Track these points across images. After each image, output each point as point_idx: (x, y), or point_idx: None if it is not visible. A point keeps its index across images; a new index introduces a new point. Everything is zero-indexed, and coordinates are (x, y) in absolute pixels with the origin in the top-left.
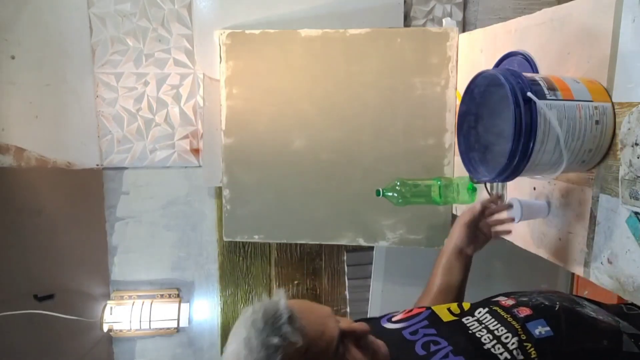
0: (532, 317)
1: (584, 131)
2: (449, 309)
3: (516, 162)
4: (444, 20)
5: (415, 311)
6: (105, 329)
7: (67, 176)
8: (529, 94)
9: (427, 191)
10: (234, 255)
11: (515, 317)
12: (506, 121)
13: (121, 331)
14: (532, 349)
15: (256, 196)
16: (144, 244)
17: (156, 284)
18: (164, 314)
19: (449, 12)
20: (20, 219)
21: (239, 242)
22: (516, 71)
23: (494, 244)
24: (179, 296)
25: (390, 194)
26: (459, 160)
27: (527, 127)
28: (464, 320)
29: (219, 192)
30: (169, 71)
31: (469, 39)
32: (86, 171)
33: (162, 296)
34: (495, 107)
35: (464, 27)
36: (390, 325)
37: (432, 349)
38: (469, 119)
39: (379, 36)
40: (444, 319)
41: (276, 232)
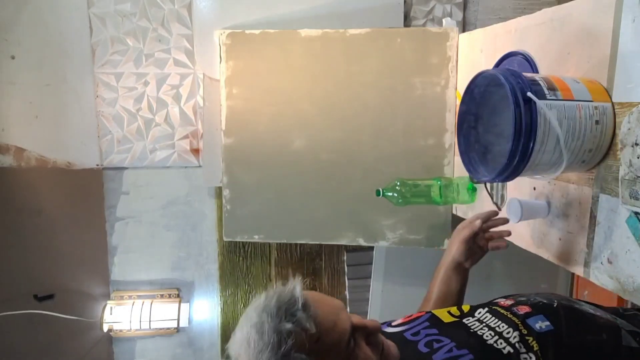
0: (531, 314)
1: (584, 131)
2: (449, 312)
3: (516, 162)
4: (444, 20)
5: (415, 315)
6: (105, 329)
7: (67, 176)
8: (529, 94)
9: (427, 191)
10: (234, 255)
11: (515, 314)
12: (506, 121)
13: (121, 331)
14: (534, 342)
15: (256, 196)
16: (144, 244)
17: (156, 284)
18: (164, 314)
19: (449, 12)
20: (20, 219)
21: (239, 242)
22: (516, 71)
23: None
24: (179, 296)
25: (390, 194)
26: (459, 160)
27: (527, 127)
28: (464, 320)
29: (219, 192)
30: (169, 71)
31: (469, 39)
32: (86, 171)
33: (162, 296)
34: (495, 107)
35: (464, 27)
36: (391, 329)
37: (436, 346)
38: (469, 119)
39: (379, 36)
40: (445, 320)
41: (276, 232)
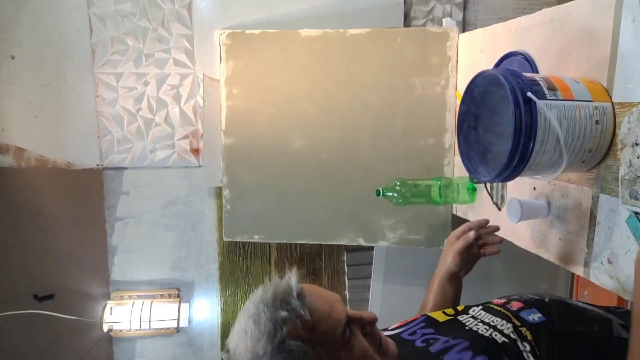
0: (524, 308)
1: (584, 131)
2: (444, 312)
3: (516, 162)
4: (444, 20)
5: (410, 319)
6: (105, 329)
7: (67, 176)
8: (529, 94)
9: (427, 191)
10: (234, 255)
11: (508, 309)
12: (506, 121)
13: (121, 331)
14: (527, 332)
15: (256, 196)
16: (144, 244)
17: (156, 284)
18: (164, 314)
19: (449, 12)
20: (20, 219)
21: (239, 242)
22: (516, 71)
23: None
24: (179, 296)
25: (390, 194)
26: (459, 160)
27: (527, 127)
28: (459, 318)
29: (219, 192)
30: (169, 71)
31: (469, 39)
32: (86, 171)
33: (162, 296)
34: (495, 107)
35: (464, 27)
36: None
37: (432, 342)
38: (469, 119)
39: (379, 36)
40: (440, 320)
41: (276, 232)
